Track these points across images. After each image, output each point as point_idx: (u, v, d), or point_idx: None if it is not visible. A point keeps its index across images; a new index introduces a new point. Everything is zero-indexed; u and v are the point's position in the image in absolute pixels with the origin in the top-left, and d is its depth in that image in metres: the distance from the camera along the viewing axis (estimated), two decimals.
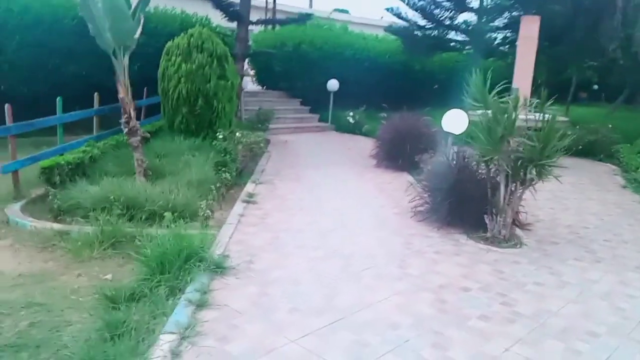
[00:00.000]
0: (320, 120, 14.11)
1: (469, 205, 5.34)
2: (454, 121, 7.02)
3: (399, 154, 8.42)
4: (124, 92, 5.86)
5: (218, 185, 5.99)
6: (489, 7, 13.10)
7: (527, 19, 9.68)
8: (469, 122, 7.04)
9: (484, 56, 14.43)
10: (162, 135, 8.20)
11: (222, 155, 6.80)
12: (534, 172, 4.94)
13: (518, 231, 5.42)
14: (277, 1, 19.85)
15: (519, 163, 4.99)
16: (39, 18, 9.27)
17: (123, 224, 4.83)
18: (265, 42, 14.90)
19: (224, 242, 4.64)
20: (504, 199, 5.09)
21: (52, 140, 7.09)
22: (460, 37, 14.29)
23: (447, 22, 13.94)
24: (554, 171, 4.89)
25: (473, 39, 13.67)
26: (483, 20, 13.33)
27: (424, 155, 8.14)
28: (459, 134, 7.16)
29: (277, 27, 16.00)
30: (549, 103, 4.91)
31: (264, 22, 13.15)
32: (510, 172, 4.96)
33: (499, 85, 5.10)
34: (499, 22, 13.48)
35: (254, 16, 11.41)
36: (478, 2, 13.29)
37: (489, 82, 5.12)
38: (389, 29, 14.52)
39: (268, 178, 7.51)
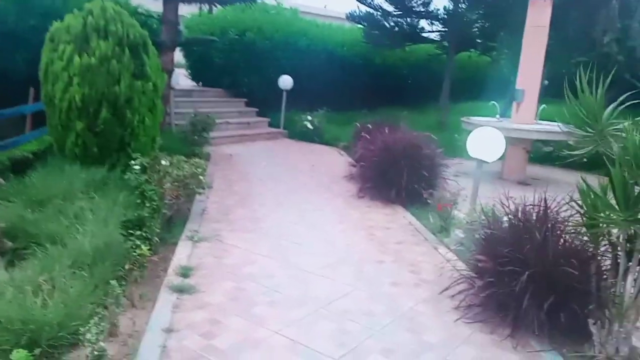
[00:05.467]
0: (270, 125, 11.63)
1: (562, 300, 3.19)
2: (485, 143, 4.89)
3: (391, 182, 6.19)
4: None
5: (128, 267, 3.49)
6: None
7: (536, 3, 7.71)
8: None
9: (459, 50, 12.56)
10: (49, 162, 5.50)
11: (138, 202, 4.27)
12: None
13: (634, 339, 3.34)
14: None
15: None
16: None
17: None
18: (201, 29, 12.19)
19: None
20: (628, 294, 2.99)
21: None
22: (435, 27, 12.25)
23: (419, 9, 11.85)
24: None
25: (450, 29, 11.68)
26: (461, 8, 11.35)
27: (432, 187, 5.91)
28: (492, 161, 5.06)
29: (215, 11, 13.33)
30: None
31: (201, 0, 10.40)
32: None
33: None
34: (481, 10, 11.51)
35: None
36: None
37: None
38: (352, 16, 12.23)
39: (212, 228, 5.03)
